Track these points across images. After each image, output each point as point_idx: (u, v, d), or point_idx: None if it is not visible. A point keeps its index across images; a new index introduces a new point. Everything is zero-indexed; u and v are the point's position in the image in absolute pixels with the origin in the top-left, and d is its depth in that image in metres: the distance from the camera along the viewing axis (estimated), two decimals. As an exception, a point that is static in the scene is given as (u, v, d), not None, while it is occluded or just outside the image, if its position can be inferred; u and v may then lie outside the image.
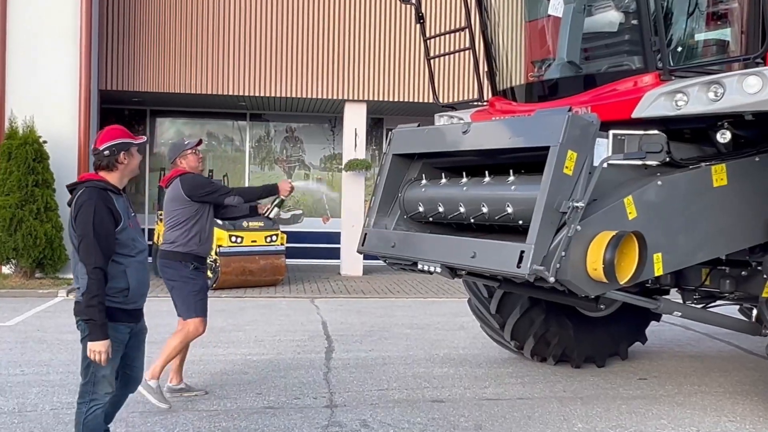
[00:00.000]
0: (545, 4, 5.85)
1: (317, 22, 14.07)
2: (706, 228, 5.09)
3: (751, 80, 4.47)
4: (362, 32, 14.17)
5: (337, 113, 15.85)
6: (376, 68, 14.22)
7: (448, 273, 5.32)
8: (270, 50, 13.93)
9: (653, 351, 7.86)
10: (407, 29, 13.72)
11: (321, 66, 14.10)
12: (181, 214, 5.59)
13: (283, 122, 16.86)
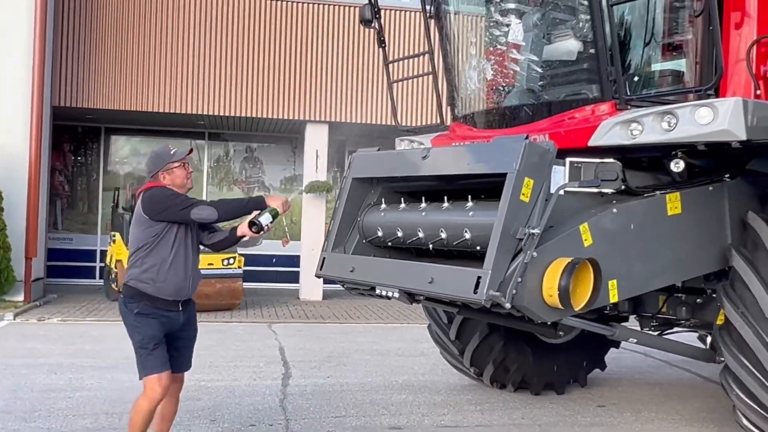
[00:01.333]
0: (506, 31, 5.98)
1: (279, 42, 14.18)
2: (661, 255, 5.22)
3: (702, 112, 4.62)
4: (325, 53, 14.30)
5: (298, 134, 15.92)
6: (338, 89, 14.35)
7: (406, 298, 5.36)
8: (230, 69, 13.98)
9: (612, 378, 8.02)
10: (370, 51, 13.89)
11: (282, 86, 14.20)
12: (138, 238, 4.61)
13: (243, 142, 16.92)
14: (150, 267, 4.53)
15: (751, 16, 5.34)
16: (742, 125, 4.55)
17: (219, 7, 14.01)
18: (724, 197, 5.46)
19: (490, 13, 6.19)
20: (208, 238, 4.95)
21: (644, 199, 5.14)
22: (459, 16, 6.49)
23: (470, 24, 6.45)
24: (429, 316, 7.28)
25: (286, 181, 16.96)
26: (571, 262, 4.48)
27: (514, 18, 5.95)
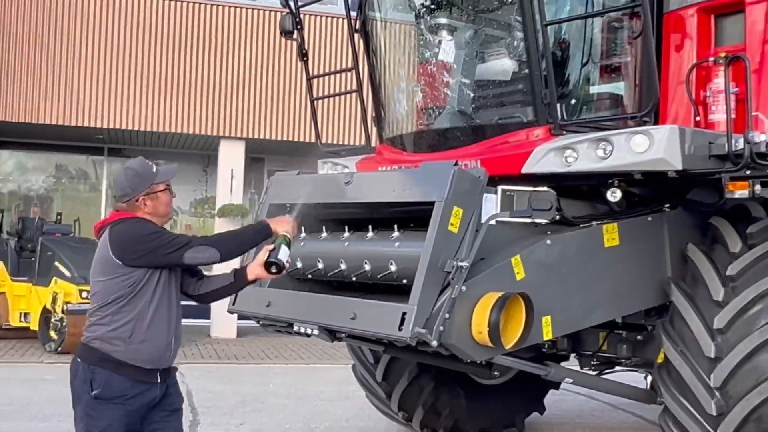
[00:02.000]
0: (437, 48, 6.15)
1: (190, 49, 14.19)
2: (598, 290, 5.39)
3: (638, 139, 4.88)
4: (242, 63, 14.40)
5: (211, 151, 15.93)
6: (256, 103, 14.47)
7: (327, 336, 5.40)
8: (134, 78, 13.92)
9: (553, 422, 8.29)
10: (292, 63, 14.00)
11: (193, 97, 14.21)
12: (107, 289, 3.92)
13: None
14: (123, 325, 3.91)
15: (691, 38, 5.66)
16: (678, 154, 4.81)
17: (120, 8, 13.98)
18: (664, 228, 5.69)
19: (421, 29, 6.34)
20: (195, 287, 4.37)
21: (580, 230, 5.31)
22: (387, 31, 6.63)
23: (399, 40, 6.60)
24: (354, 355, 7.36)
25: (196, 204, 16.93)
26: (502, 296, 4.57)
27: (445, 34, 6.12)
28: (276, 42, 14.13)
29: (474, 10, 6.18)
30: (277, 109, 14.50)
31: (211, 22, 14.32)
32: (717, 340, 5.10)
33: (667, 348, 5.38)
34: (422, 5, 6.32)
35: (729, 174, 5.12)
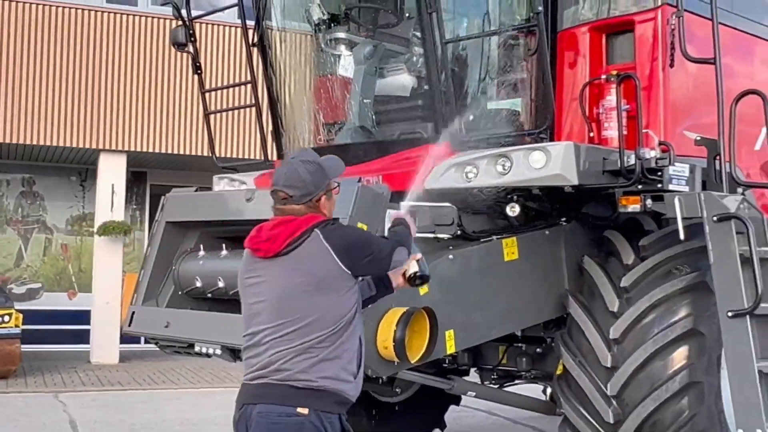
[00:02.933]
0: (335, 63, 6.38)
1: (64, 56, 13.98)
2: (499, 303, 5.62)
3: (535, 155, 5.19)
4: (123, 72, 14.24)
5: (89, 165, 15.67)
6: (138, 114, 14.30)
7: (229, 355, 5.43)
8: (3, 86, 13.64)
9: None
10: (178, 72, 13.96)
11: (70, 108, 13.96)
12: (333, 308, 3.40)
13: (19, 174, 16.38)
14: (351, 355, 3.52)
15: (584, 56, 6.02)
16: (574, 170, 5.17)
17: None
18: (561, 242, 6.01)
19: (320, 43, 6.51)
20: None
21: (481, 245, 5.56)
22: (285, 44, 6.73)
23: (298, 54, 6.72)
24: None
25: (73, 221, 16.53)
26: (407, 311, 4.75)
27: (344, 49, 6.34)
28: (160, 50, 14.12)
29: (373, 25, 6.37)
30: (160, 121, 14.34)
31: (89, 28, 14.10)
32: (613, 349, 5.42)
33: (565, 359, 5.67)
34: (320, 19, 6.47)
35: (622, 189, 5.52)
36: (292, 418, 3.30)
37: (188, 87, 13.40)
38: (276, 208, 3.54)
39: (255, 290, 3.51)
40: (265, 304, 3.44)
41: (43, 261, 16.44)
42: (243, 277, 3.61)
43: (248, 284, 3.56)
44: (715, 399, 5.42)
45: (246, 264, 3.61)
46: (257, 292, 3.49)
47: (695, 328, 5.36)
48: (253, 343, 3.46)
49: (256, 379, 3.40)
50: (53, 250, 16.52)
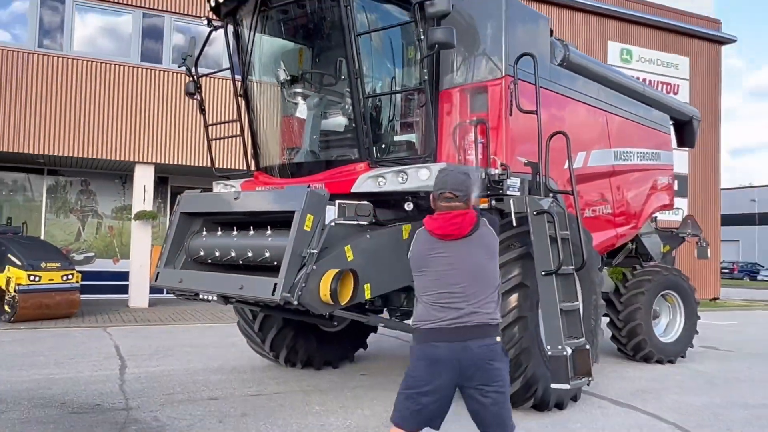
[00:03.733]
0: (295, 108, 6.41)
1: (114, 97, 13.79)
2: (399, 266, 5.43)
3: (423, 172, 5.37)
4: (153, 103, 14.07)
5: (127, 171, 15.48)
6: (163, 135, 14.15)
7: (222, 301, 5.55)
8: (69, 114, 13.39)
9: (372, 355, 8.63)
10: (192, 105, 13.68)
11: (115, 133, 13.76)
12: (495, 272, 3.55)
13: (78, 177, 16.03)
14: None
15: (456, 107, 6.18)
16: None
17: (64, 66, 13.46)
18: None
19: (284, 95, 6.52)
20: None
21: (388, 228, 5.65)
22: (262, 94, 6.72)
23: (269, 101, 6.71)
24: (238, 314, 7.43)
25: (116, 210, 16.31)
26: (339, 271, 4.90)
27: (301, 99, 6.38)
28: (178, 95, 13.98)
29: (319, 84, 6.39)
30: (179, 143, 14.23)
31: (130, 78, 13.94)
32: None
33: None
34: (285, 79, 6.49)
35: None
36: (494, 345, 3.36)
37: (197, 120, 13.26)
38: (443, 205, 3.41)
39: (447, 261, 3.36)
40: (458, 271, 3.35)
41: (96, 237, 16.17)
42: (429, 254, 3.41)
43: (439, 257, 3.39)
44: (535, 327, 5.62)
45: (429, 243, 3.42)
46: (450, 262, 3.35)
47: (523, 282, 5.56)
48: (452, 299, 3.33)
49: (457, 324, 3.30)
50: (102, 230, 16.28)
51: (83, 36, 14.10)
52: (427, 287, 3.41)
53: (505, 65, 5.99)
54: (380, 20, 6.01)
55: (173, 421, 5.41)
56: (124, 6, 14.24)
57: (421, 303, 3.44)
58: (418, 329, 3.42)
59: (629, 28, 20.53)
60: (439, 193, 3.43)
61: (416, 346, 3.42)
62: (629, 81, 8.95)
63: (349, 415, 5.76)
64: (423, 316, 3.40)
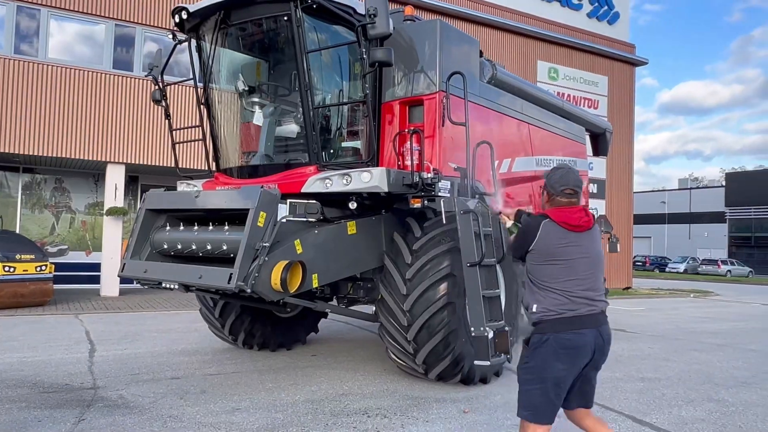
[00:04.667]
0: (252, 115, 6.40)
1: (87, 101, 13.45)
2: (345, 258, 5.80)
3: (365, 175, 5.48)
4: (124, 108, 13.78)
5: (100, 171, 15.12)
6: (134, 137, 13.85)
7: (183, 289, 5.55)
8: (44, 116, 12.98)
9: (323, 338, 8.70)
10: (160, 110, 13.38)
11: (88, 134, 13.42)
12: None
13: (53, 175, 15.54)
14: None
15: (396, 118, 6.26)
16: (386, 183, 5.46)
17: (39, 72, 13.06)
18: (381, 223, 6.24)
19: (242, 104, 6.50)
20: None
21: (334, 225, 5.76)
22: (222, 101, 6.65)
23: (229, 109, 6.66)
24: (200, 302, 7.38)
25: (89, 206, 15.90)
26: (289, 262, 4.98)
27: (257, 108, 6.39)
28: (147, 101, 13.69)
29: (274, 94, 6.41)
30: (147, 145, 13.94)
31: (103, 84, 13.61)
32: (407, 284, 5.73)
33: (382, 290, 5.95)
34: (243, 89, 6.49)
35: (411, 195, 5.82)
36: (611, 330, 3.28)
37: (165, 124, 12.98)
38: (565, 200, 3.29)
39: (580, 251, 3.22)
40: (589, 259, 3.23)
41: (69, 231, 15.71)
42: (560, 244, 3.21)
43: (571, 246, 3.22)
44: (461, 312, 5.74)
45: (560, 234, 3.22)
46: (582, 252, 3.22)
47: (451, 272, 5.67)
48: (584, 287, 3.19)
49: (591, 311, 3.17)
50: (76, 225, 15.82)
51: (60, 43, 13.69)
52: (557, 275, 3.18)
53: (439, 82, 6.11)
54: (329, 39, 6.06)
55: (137, 399, 5.38)
56: (97, 17, 13.89)
57: (548, 291, 3.18)
58: (548, 320, 3.14)
59: (556, 50, 21.07)
60: (561, 189, 3.29)
61: (553, 336, 3.10)
62: (550, 97, 9.23)
63: (298, 391, 5.82)
64: (553, 305, 3.15)
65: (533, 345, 3.15)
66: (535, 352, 3.13)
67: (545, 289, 3.17)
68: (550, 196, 3.33)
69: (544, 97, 8.93)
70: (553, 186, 3.32)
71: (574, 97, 21.09)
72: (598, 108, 21.56)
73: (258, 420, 4.87)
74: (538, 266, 3.22)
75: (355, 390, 5.91)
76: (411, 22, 6.54)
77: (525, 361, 3.18)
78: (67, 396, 5.41)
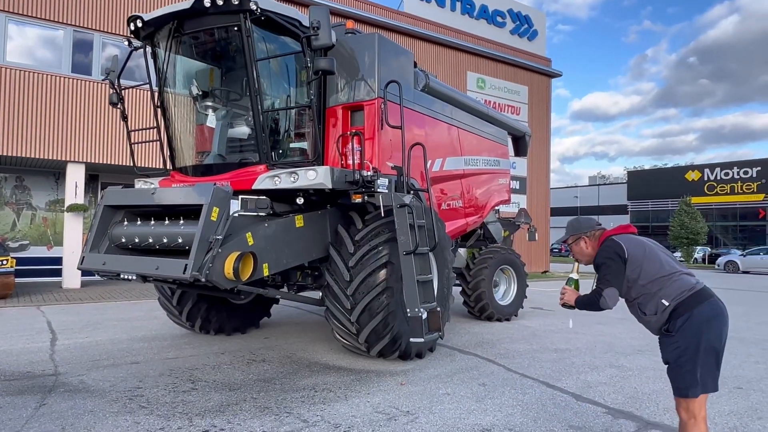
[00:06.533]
0: (205, 118, 6.23)
1: (46, 103, 12.81)
2: (293, 248, 5.73)
3: (311, 173, 5.44)
4: (84, 110, 13.20)
5: (60, 169, 14.42)
6: (93, 137, 13.28)
7: (141, 280, 5.39)
8: (4, 117, 12.28)
9: (275, 322, 8.61)
10: (117, 117, 12.98)
11: (48, 134, 12.79)
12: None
13: (14, 173, 14.69)
14: None
15: (339, 121, 6.25)
16: (330, 180, 5.45)
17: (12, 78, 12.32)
18: (327, 217, 6.20)
19: (196, 107, 6.33)
20: None
21: (283, 218, 5.69)
22: (177, 105, 6.47)
23: (184, 112, 6.48)
24: (158, 291, 7.19)
25: (50, 203, 15.13)
26: (240, 253, 4.92)
27: (210, 111, 6.22)
28: (104, 103, 13.15)
29: (226, 99, 6.26)
30: (106, 145, 13.38)
31: (62, 86, 12.95)
32: (350, 272, 5.73)
33: (327, 277, 5.93)
34: (197, 93, 6.30)
35: (353, 191, 5.82)
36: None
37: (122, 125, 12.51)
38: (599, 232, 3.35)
39: (650, 243, 3.20)
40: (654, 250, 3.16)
41: (30, 227, 14.90)
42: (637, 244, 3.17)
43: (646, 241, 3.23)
44: (399, 294, 5.76)
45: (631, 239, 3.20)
46: (653, 244, 3.20)
47: (390, 260, 5.70)
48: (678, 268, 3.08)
49: (700, 286, 3.03)
50: (37, 221, 15.01)
51: (20, 46, 12.92)
52: (658, 267, 3.06)
53: (378, 89, 6.13)
54: (277, 48, 5.98)
55: (98, 383, 5.20)
56: (56, 23, 13.18)
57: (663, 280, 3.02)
58: (683, 300, 2.97)
59: (484, 62, 21.48)
60: (595, 225, 3.37)
61: (693, 312, 2.93)
62: (476, 104, 9.42)
63: (251, 370, 5.75)
64: (677, 289, 3.00)
65: (676, 328, 2.95)
66: (684, 333, 2.93)
67: (661, 279, 3.01)
68: (591, 235, 3.30)
69: (472, 103, 9.11)
70: (589, 226, 3.32)
71: (499, 104, 21.58)
72: (519, 114, 22.14)
73: (213, 398, 4.80)
74: (642, 268, 3.04)
75: (303, 368, 5.90)
76: (352, 35, 6.53)
77: (676, 347, 2.95)
78: (29, 383, 5.18)
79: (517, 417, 4.43)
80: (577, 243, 3.33)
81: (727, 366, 6.30)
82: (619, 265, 3.05)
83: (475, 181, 8.83)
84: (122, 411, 4.41)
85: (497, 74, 21.83)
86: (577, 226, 3.37)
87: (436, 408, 4.61)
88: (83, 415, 4.31)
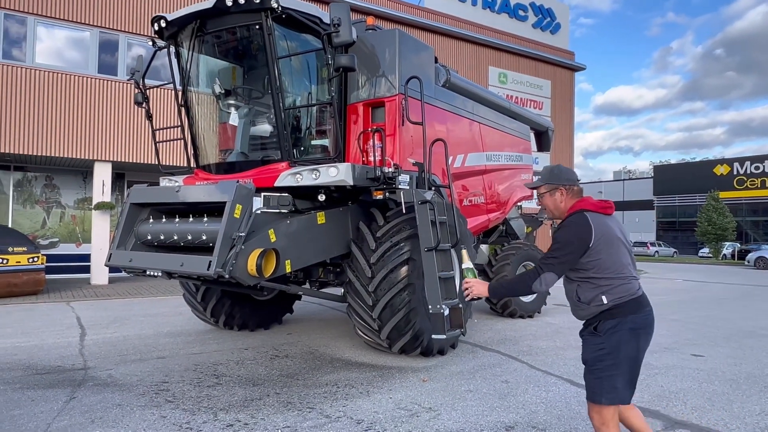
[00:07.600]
0: (228, 116, 6.30)
1: (75, 103, 13.08)
2: (315, 245, 5.75)
3: (332, 170, 5.46)
4: (110, 110, 13.45)
5: (88, 168, 14.73)
6: (120, 137, 13.53)
7: (166, 276, 5.47)
8: (34, 118, 12.58)
9: (297, 318, 8.68)
10: (142, 115, 13.26)
11: (77, 134, 13.07)
12: None
13: (43, 173, 15.04)
14: None
15: (360, 118, 6.25)
16: (351, 177, 5.45)
17: (28, 76, 12.61)
18: (348, 214, 6.21)
19: (219, 105, 6.39)
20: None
21: (305, 215, 5.71)
22: (199, 105, 6.54)
23: (207, 111, 6.54)
24: (183, 287, 7.27)
25: (79, 201, 15.48)
26: (263, 250, 4.95)
27: (233, 110, 6.29)
28: (130, 103, 13.37)
29: (249, 97, 6.31)
30: (133, 144, 13.63)
31: (89, 87, 13.22)
32: (372, 268, 5.73)
33: (349, 273, 5.94)
34: (219, 92, 6.36)
35: (374, 187, 5.82)
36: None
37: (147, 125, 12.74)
38: (578, 189, 2.99)
39: (616, 232, 2.85)
40: (621, 240, 2.85)
41: (59, 225, 15.26)
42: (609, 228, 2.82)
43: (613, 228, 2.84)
44: (420, 291, 5.74)
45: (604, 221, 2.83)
46: (617, 233, 2.85)
47: (411, 257, 5.69)
48: (630, 269, 2.86)
49: (640, 293, 2.85)
50: (66, 219, 15.37)
51: (48, 48, 13.22)
52: (619, 261, 2.81)
53: (399, 85, 6.11)
54: (298, 46, 5.98)
55: (125, 377, 5.29)
56: (83, 25, 13.45)
57: (613, 279, 2.79)
58: (621, 304, 2.77)
59: (505, 57, 21.27)
60: (576, 179, 2.98)
61: (627, 318, 2.76)
62: (498, 99, 9.33)
63: (275, 366, 5.80)
64: (622, 291, 2.79)
65: (605, 330, 2.78)
66: (610, 336, 2.76)
67: (611, 278, 2.77)
68: (570, 189, 2.94)
69: (493, 98, 9.03)
70: (569, 179, 2.94)
71: (521, 99, 21.36)
72: (542, 109, 21.88)
73: (237, 392, 4.85)
74: (599, 260, 2.76)
75: (326, 363, 5.93)
76: (372, 31, 6.51)
77: (599, 348, 2.78)
78: (59, 377, 5.29)
79: (540, 415, 4.39)
80: (553, 194, 2.95)
81: (757, 365, 6.15)
82: (577, 253, 2.75)
83: (497, 177, 8.76)
84: (149, 405, 4.49)
85: (519, 69, 21.60)
86: (557, 174, 2.96)
87: (459, 405, 4.59)
88: (111, 408, 4.39)
